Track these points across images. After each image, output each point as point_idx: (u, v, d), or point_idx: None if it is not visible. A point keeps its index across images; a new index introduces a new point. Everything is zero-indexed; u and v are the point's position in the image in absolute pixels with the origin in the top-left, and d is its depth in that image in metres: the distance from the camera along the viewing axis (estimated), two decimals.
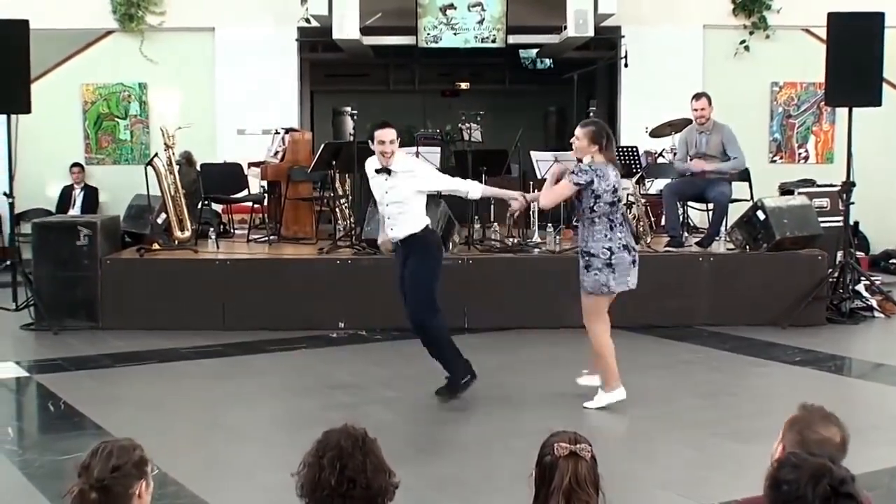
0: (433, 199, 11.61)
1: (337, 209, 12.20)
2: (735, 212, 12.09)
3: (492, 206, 12.93)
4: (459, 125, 13.63)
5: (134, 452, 3.36)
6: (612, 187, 7.59)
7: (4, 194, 11.74)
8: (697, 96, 11.45)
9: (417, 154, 11.98)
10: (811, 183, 13.11)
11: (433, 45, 15.60)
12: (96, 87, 16.10)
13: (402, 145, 9.27)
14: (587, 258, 7.72)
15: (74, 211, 15.33)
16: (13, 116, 11.55)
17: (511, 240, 11.87)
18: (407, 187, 7.98)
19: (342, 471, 3.12)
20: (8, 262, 11.54)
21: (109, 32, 15.92)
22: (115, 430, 7.11)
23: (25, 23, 11.40)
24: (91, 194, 15.74)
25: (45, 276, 11.10)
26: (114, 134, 16.12)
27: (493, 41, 15.52)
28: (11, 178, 11.58)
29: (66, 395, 8.41)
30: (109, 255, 11.24)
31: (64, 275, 11.00)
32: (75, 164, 15.82)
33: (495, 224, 12.19)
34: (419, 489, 5.81)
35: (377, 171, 8.09)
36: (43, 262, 11.14)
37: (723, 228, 11.69)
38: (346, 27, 14.50)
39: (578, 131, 7.72)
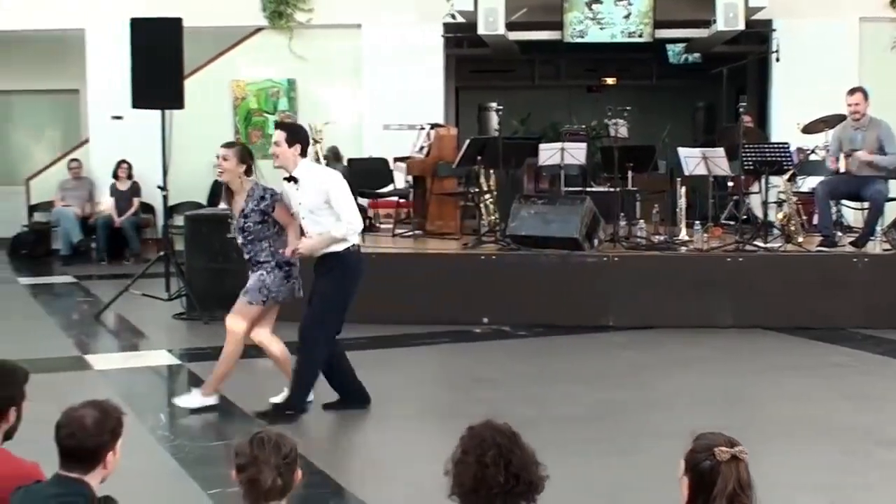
0: (578, 196, 11.55)
1: (481, 205, 12.20)
2: (892, 211, 11.72)
3: (637, 203, 12.80)
4: (605, 121, 13.52)
5: (292, 443, 3.50)
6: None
7: (159, 187, 12.04)
8: (853, 91, 11.12)
9: (563, 150, 11.92)
10: None
11: (579, 40, 15.50)
12: (246, 83, 16.41)
13: (547, 140, 9.19)
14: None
15: (224, 204, 15.60)
16: (167, 112, 11.83)
17: (657, 237, 11.72)
18: (314, 198, 7.45)
19: (507, 467, 3.13)
20: (161, 254, 11.82)
21: (259, 30, 16.22)
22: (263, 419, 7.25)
23: (179, 21, 11.67)
24: None
25: (197, 267, 11.36)
26: (263, 129, 16.40)
27: (640, 36, 15.36)
28: (165, 171, 11.86)
29: None
30: None
31: (214, 266, 11.23)
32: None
33: (641, 221, 12.05)
34: (563, 489, 5.76)
35: (286, 179, 7.63)
36: (194, 254, 11.40)
37: (878, 228, 11.33)
38: (492, 23, 14.50)
39: (226, 151, 7.72)
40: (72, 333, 10.90)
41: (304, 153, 7.55)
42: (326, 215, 7.41)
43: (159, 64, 11.52)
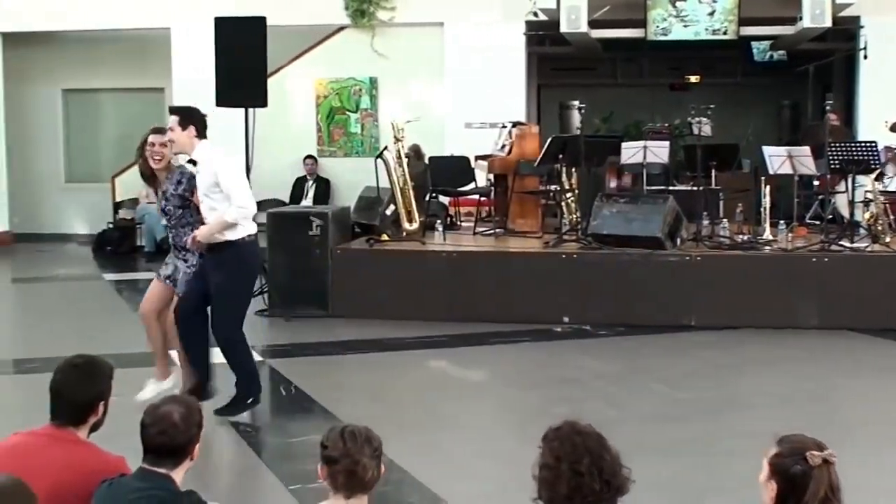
0: (660, 194, 11.44)
1: (563, 203, 12.14)
2: None
3: (720, 203, 12.65)
4: (689, 119, 13.37)
5: (378, 437, 3.59)
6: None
7: None
8: None
9: (645, 149, 11.82)
10: None
11: (662, 38, 15.36)
12: (329, 81, 16.51)
13: (629, 139, 9.06)
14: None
15: (307, 202, 15.76)
16: (251, 110, 11.92)
17: (741, 237, 11.56)
18: (205, 180, 7.21)
19: (600, 474, 3.14)
20: None
21: (341, 28, 16.30)
22: (343, 416, 7.25)
23: (262, 20, 11.77)
24: (323, 185, 16.15)
25: (279, 264, 11.42)
26: (345, 127, 16.50)
27: (725, 33, 15.18)
28: (249, 169, 11.95)
29: (296, 379, 8.65)
30: (340, 245, 11.49)
31: (296, 263, 11.29)
32: (308, 157, 16.27)
33: (724, 220, 11.90)
34: (648, 491, 5.70)
35: (188, 163, 7.43)
36: (277, 251, 11.47)
37: None
38: (575, 21, 14.42)
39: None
40: None
41: (201, 134, 7.26)
42: (219, 199, 7.13)
43: (243, 62, 11.62)
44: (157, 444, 3.72)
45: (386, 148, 12.22)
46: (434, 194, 13.68)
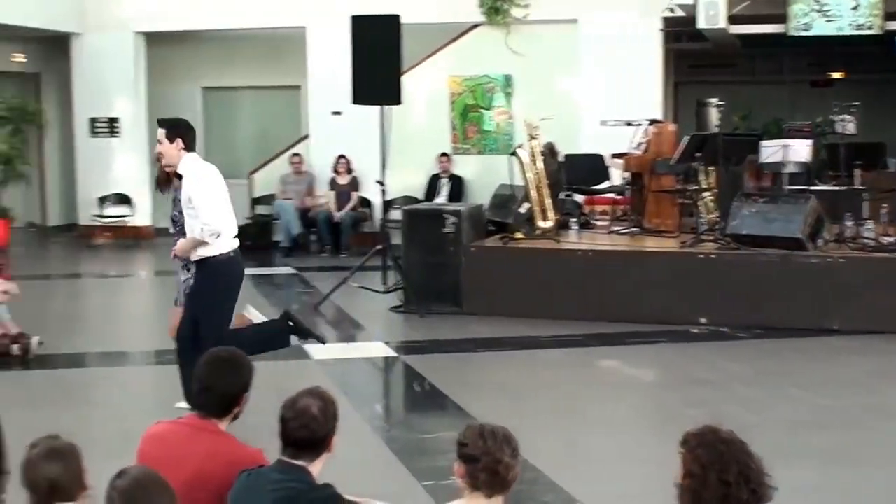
0: (802, 194, 11.16)
1: (700, 202, 11.93)
2: None
3: (865, 203, 12.28)
4: (831, 117, 13.02)
5: (515, 437, 3.55)
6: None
7: (377, 182, 12.23)
8: None
9: (786, 147, 11.54)
10: None
11: (803, 34, 15.00)
12: (463, 79, 16.51)
13: (769, 137, 8.85)
14: None
15: (441, 199, 15.79)
16: (385, 107, 11.99)
17: (887, 238, 11.21)
18: (185, 195, 7.13)
19: (747, 484, 3.08)
20: (378, 247, 11.99)
21: (476, 26, 16.28)
22: (477, 414, 7.24)
23: (397, 18, 11.82)
24: (457, 183, 16.16)
25: (414, 261, 11.46)
26: (479, 124, 16.48)
27: (870, 28, 14.76)
28: (384, 166, 12.03)
29: (430, 376, 8.66)
30: (474, 243, 11.48)
31: (431, 260, 11.31)
32: (442, 154, 16.30)
33: (869, 221, 11.55)
34: (783, 499, 5.55)
35: (175, 176, 7.34)
36: (411, 248, 11.52)
37: None
38: (713, 16, 14.17)
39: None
40: None
41: (188, 147, 7.16)
42: (193, 215, 7.08)
43: (378, 60, 11.69)
44: (299, 437, 3.76)
45: (520, 146, 12.17)
46: (568, 192, 13.58)
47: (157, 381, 8.77)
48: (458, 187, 16.14)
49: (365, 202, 16.38)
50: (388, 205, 12.99)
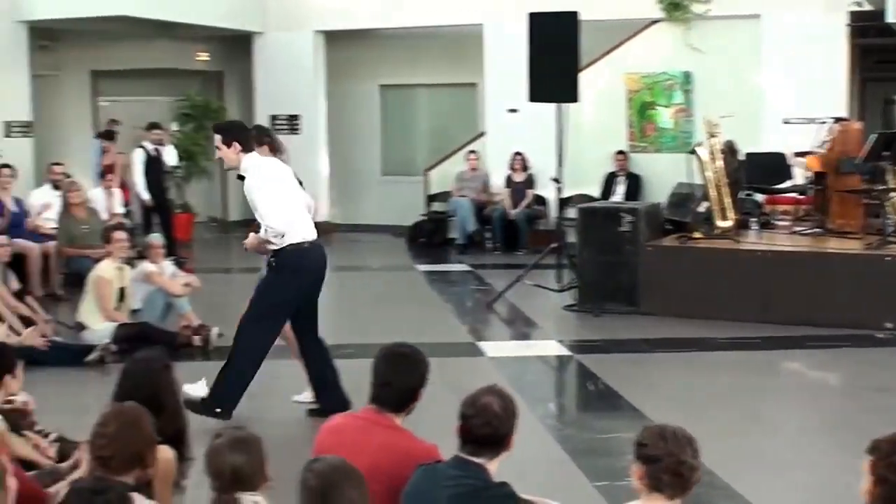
0: None
1: (887, 203, 11.52)
2: None
3: None
4: None
5: (695, 439, 3.56)
6: None
7: (553, 180, 12.18)
8: None
9: None
10: None
11: None
12: (640, 75, 16.32)
13: None
14: None
15: (617, 197, 15.64)
16: (562, 105, 11.93)
17: None
18: (247, 195, 7.19)
19: None
20: (553, 245, 11.94)
21: (654, 22, 16.08)
22: (651, 415, 7.16)
23: (575, 14, 11.75)
24: (633, 181, 15.99)
25: (588, 259, 11.38)
26: (657, 122, 16.27)
27: None
28: (560, 164, 11.98)
29: (604, 375, 8.59)
30: (651, 242, 11.32)
31: (606, 259, 11.22)
32: (619, 152, 16.14)
33: None
34: None
35: (238, 178, 7.38)
36: (586, 246, 11.44)
37: None
38: None
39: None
40: (466, 320, 11.23)
41: (245, 148, 7.22)
42: (258, 215, 7.18)
43: (555, 57, 11.64)
44: (480, 434, 3.77)
45: (700, 143, 11.97)
46: (748, 191, 13.28)
47: None
48: (634, 185, 15.97)
49: (540, 200, 16.34)
50: (563, 203, 12.93)
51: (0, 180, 12.74)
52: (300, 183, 7.92)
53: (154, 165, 14.51)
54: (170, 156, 15.01)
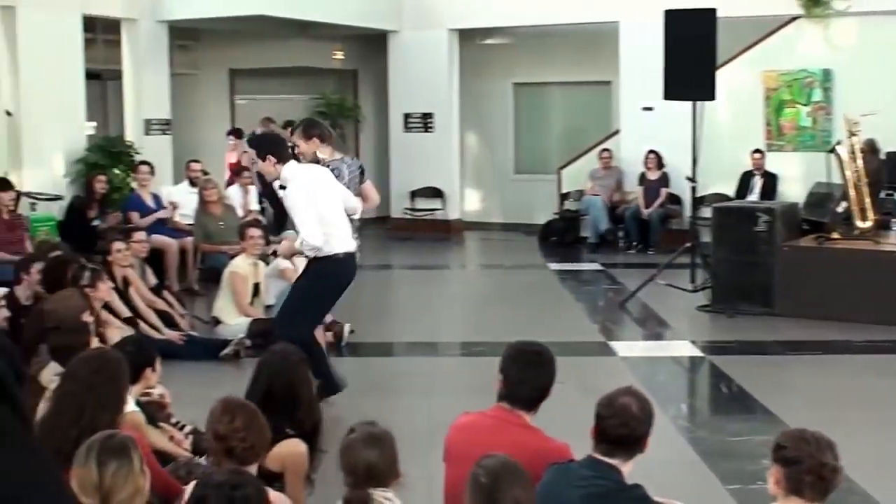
0: None
1: None
2: None
3: None
4: None
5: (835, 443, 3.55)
6: None
7: (688, 178, 12.04)
8: None
9: None
10: None
11: None
12: (779, 73, 16.02)
13: None
14: None
15: (752, 197, 15.38)
16: (698, 103, 11.78)
17: None
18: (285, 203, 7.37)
19: None
20: (687, 245, 11.80)
21: (793, 19, 15.77)
22: (786, 418, 7.05)
23: (713, 11, 11.60)
24: (770, 180, 15.70)
25: (723, 259, 11.24)
26: (795, 120, 15.95)
27: None
28: (695, 162, 11.83)
29: (737, 377, 8.49)
30: (787, 243, 11.12)
31: (740, 259, 11.06)
32: (756, 150, 15.87)
33: None
34: None
35: (280, 188, 7.43)
36: (721, 246, 11.30)
37: None
38: None
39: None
40: (597, 319, 11.19)
41: (281, 159, 7.30)
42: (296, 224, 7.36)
43: (692, 55, 11.51)
44: (617, 435, 3.76)
45: (839, 142, 11.71)
46: (890, 191, 12.95)
47: (464, 371, 8.95)
48: (771, 185, 15.68)
49: (674, 199, 16.17)
50: (698, 202, 12.77)
51: (139, 177, 13.09)
52: (362, 172, 8.12)
53: None
54: None
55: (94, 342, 6.27)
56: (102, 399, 4.41)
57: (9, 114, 12.85)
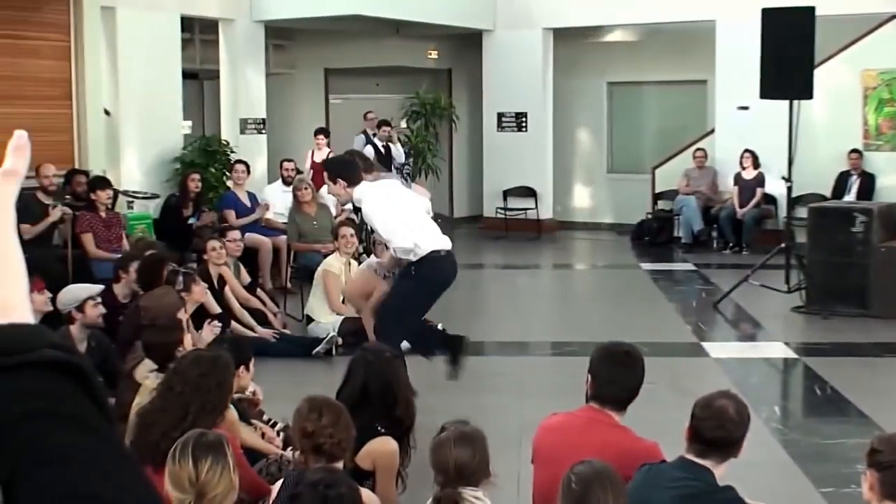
0: None
1: None
2: None
3: None
4: None
5: None
6: None
7: (784, 178, 11.91)
8: None
9: None
10: None
11: None
12: (878, 72, 15.76)
13: None
14: None
15: (849, 197, 15.16)
16: (795, 102, 11.65)
17: None
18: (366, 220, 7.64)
19: None
20: (782, 245, 11.68)
21: (893, 17, 15.50)
22: (882, 422, 6.95)
23: (812, 10, 11.47)
24: (867, 180, 15.46)
25: (818, 260, 11.12)
26: (894, 120, 15.68)
27: None
28: (791, 162, 11.70)
29: (832, 379, 8.39)
30: (885, 243, 10.96)
31: (836, 260, 10.93)
32: (853, 150, 15.64)
33: None
34: None
35: (354, 211, 7.86)
36: (816, 247, 11.18)
37: None
38: None
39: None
40: (690, 320, 11.11)
41: (351, 182, 7.29)
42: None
43: (789, 54, 11.39)
44: (712, 437, 3.74)
45: None
46: None
47: (555, 371, 8.95)
48: (868, 185, 15.43)
49: (769, 199, 15.99)
50: (793, 202, 12.64)
51: (234, 176, 13.27)
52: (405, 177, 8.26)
53: (383, 162, 14.83)
54: (398, 153, 15.34)
55: (188, 340, 6.39)
56: (207, 402, 4.47)
57: (107, 113, 13.11)
